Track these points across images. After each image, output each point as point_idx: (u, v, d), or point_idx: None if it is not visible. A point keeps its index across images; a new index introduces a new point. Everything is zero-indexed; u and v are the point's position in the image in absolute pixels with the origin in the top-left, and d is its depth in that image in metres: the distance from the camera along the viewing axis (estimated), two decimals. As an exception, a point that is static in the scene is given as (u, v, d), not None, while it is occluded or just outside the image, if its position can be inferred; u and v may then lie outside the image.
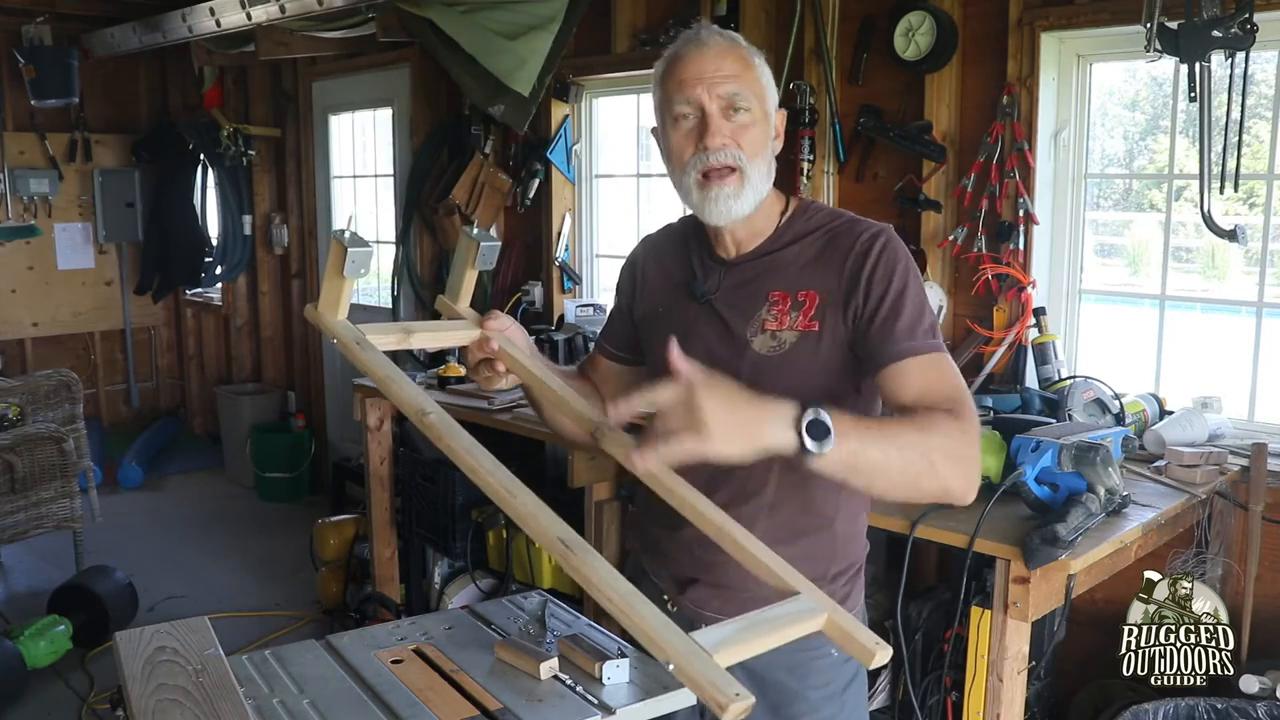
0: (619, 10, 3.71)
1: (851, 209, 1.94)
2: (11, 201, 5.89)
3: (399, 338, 1.30)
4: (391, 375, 1.21)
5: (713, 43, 1.45)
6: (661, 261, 1.66)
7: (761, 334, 1.49)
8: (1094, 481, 2.01)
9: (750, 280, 1.53)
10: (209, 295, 6.50)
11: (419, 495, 3.46)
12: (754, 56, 1.48)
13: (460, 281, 1.39)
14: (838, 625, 0.97)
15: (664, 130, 1.50)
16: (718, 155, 1.43)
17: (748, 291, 1.52)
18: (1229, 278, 3.04)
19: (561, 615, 1.81)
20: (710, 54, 1.44)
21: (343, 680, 1.58)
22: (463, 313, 1.39)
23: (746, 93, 1.45)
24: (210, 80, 5.71)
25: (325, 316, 1.28)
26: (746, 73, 1.46)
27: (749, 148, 1.45)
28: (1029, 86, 2.79)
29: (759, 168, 1.47)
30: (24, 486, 3.99)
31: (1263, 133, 2.68)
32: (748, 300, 1.51)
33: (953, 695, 2.35)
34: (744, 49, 1.48)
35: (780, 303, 1.49)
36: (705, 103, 1.43)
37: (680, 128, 1.46)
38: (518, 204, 4.15)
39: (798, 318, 1.47)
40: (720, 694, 0.81)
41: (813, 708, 1.58)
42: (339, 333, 1.27)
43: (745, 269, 1.54)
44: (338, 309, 1.27)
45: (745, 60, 1.46)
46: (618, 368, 1.72)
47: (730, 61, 1.44)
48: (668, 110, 1.47)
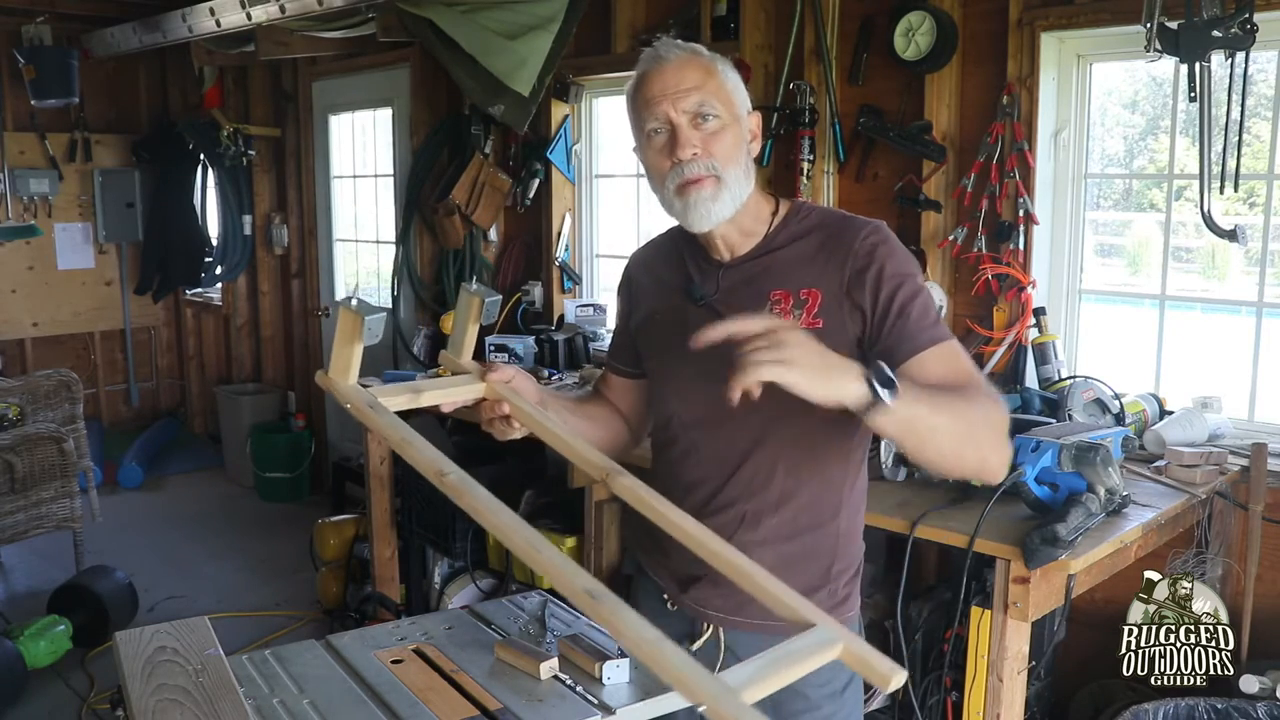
0: (619, 10, 3.71)
1: (851, 209, 1.95)
2: (11, 201, 5.89)
3: (409, 398, 1.34)
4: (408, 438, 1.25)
5: (672, 57, 1.47)
6: (654, 271, 1.68)
7: None
8: (1094, 481, 2.01)
9: (749, 281, 1.53)
10: (209, 295, 6.50)
11: (419, 495, 3.46)
12: (716, 63, 1.50)
13: (463, 337, 1.42)
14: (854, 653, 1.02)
15: (641, 149, 1.53)
16: (691, 167, 1.46)
17: (748, 292, 1.52)
18: (1229, 278, 3.04)
19: (561, 615, 1.81)
20: (670, 69, 1.47)
21: (343, 680, 1.58)
22: (466, 366, 1.42)
23: (711, 99, 1.46)
24: (210, 80, 5.71)
25: (338, 383, 1.32)
26: (709, 81, 1.47)
27: (721, 154, 1.47)
28: (1029, 86, 2.79)
29: (734, 172, 1.48)
30: (24, 486, 3.99)
31: (1263, 133, 2.68)
32: (749, 300, 1.51)
33: (953, 695, 2.35)
34: (704, 58, 1.49)
35: (782, 301, 1.50)
36: (672, 116, 1.46)
37: (654, 144, 1.49)
38: (518, 204, 4.16)
39: (801, 315, 1.48)
40: None
41: (812, 706, 1.58)
42: (352, 398, 1.30)
43: (743, 270, 1.54)
44: (348, 374, 1.31)
45: (707, 68, 1.48)
46: (631, 383, 1.74)
47: (691, 72, 1.46)
48: (640, 129, 1.51)
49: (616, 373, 1.76)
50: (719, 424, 1.53)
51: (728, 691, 0.88)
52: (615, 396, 1.76)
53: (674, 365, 1.59)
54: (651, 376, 1.68)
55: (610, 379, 1.77)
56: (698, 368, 1.54)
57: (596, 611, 0.98)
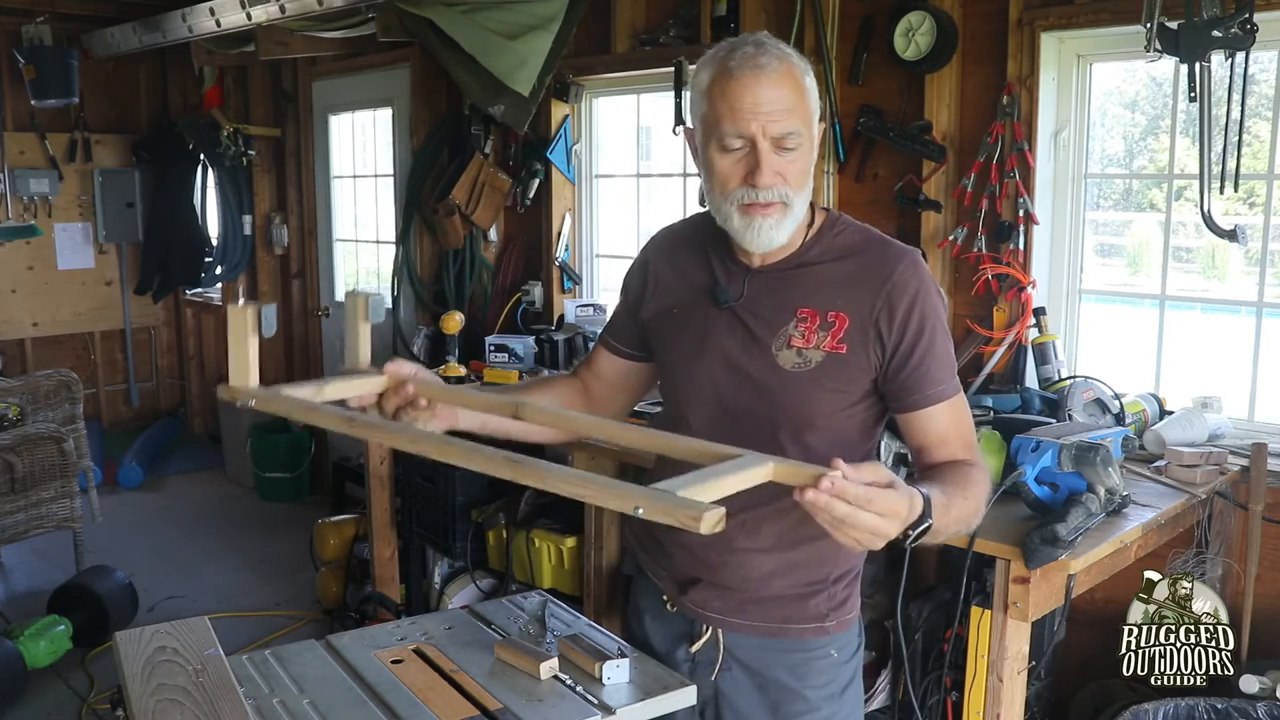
0: (619, 10, 3.71)
1: (851, 209, 1.95)
2: (11, 201, 5.89)
3: (314, 391, 1.32)
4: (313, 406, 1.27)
5: (770, 68, 1.38)
6: (675, 261, 1.63)
7: (788, 349, 1.49)
8: (1094, 481, 2.01)
9: (777, 291, 1.51)
10: (209, 295, 6.50)
11: (419, 495, 3.46)
12: (805, 77, 1.43)
13: (356, 340, 1.41)
14: (785, 468, 1.08)
15: (706, 146, 1.45)
16: (765, 194, 1.40)
17: (775, 303, 1.51)
18: (1229, 278, 3.04)
19: (561, 615, 1.81)
20: (767, 82, 1.37)
21: (343, 680, 1.58)
22: (366, 369, 1.40)
23: (799, 124, 1.40)
24: (210, 80, 5.70)
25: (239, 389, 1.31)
26: (800, 103, 1.41)
27: (795, 180, 1.42)
28: (1029, 86, 2.79)
29: (802, 197, 1.45)
30: (24, 486, 3.99)
31: (1263, 133, 2.68)
32: (774, 312, 1.50)
33: (953, 695, 2.35)
34: (798, 71, 1.41)
35: (809, 320, 1.48)
36: (758, 139, 1.38)
37: (727, 155, 1.41)
38: (518, 204, 4.15)
39: (825, 338, 1.47)
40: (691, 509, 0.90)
41: (812, 707, 1.58)
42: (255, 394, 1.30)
43: (771, 279, 1.52)
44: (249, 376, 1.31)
45: (799, 87, 1.41)
46: (621, 363, 1.71)
47: (786, 91, 1.39)
48: (713, 130, 1.42)
49: (614, 350, 1.71)
50: (728, 429, 1.51)
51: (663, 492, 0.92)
52: (598, 375, 1.73)
53: (689, 366, 1.57)
54: (664, 373, 1.65)
55: (603, 355, 1.73)
56: (712, 372, 1.54)
57: (521, 473, 1.00)
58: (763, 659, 1.59)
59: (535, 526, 3.17)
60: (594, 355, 1.75)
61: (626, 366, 1.71)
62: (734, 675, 1.60)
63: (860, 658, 1.66)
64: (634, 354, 1.70)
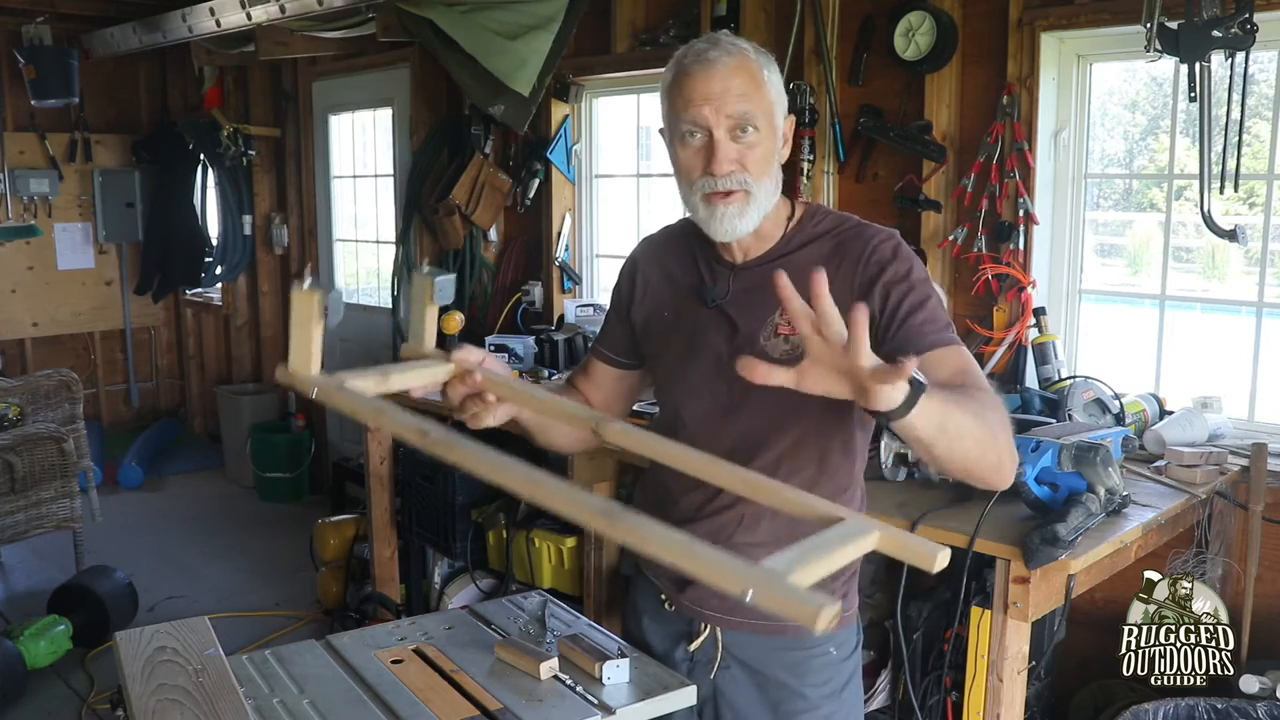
0: (619, 10, 3.71)
1: (851, 209, 1.94)
2: (11, 201, 5.89)
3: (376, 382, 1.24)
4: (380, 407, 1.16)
5: (721, 61, 1.41)
6: (663, 265, 1.65)
7: (775, 338, 1.49)
8: (1094, 481, 2.01)
9: (761, 285, 1.51)
10: (209, 295, 6.50)
11: (419, 495, 3.46)
12: (764, 69, 1.45)
13: (423, 324, 1.33)
14: (892, 539, 1.00)
15: (671, 143, 1.48)
16: (724, 181, 1.43)
17: (759, 296, 1.51)
18: (1229, 278, 3.04)
19: (561, 615, 1.81)
20: (719, 73, 1.41)
21: (343, 680, 1.58)
22: (430, 354, 1.33)
23: (755, 111, 1.42)
24: (210, 80, 5.71)
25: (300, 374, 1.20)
26: (756, 91, 1.43)
27: (755, 168, 1.44)
28: (1029, 86, 2.79)
29: (765, 186, 1.46)
30: (24, 486, 3.99)
31: (1263, 133, 2.68)
32: (759, 305, 1.51)
33: (953, 695, 2.35)
34: (754, 62, 1.44)
35: None
36: (712, 126, 1.41)
37: (687, 146, 1.45)
38: (518, 204, 4.16)
39: None
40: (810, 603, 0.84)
41: (812, 705, 1.58)
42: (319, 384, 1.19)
43: (755, 273, 1.53)
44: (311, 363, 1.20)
45: (755, 77, 1.43)
46: (615, 372, 1.71)
47: (740, 80, 1.41)
48: (675, 125, 1.46)
49: (604, 360, 1.71)
50: (723, 426, 1.52)
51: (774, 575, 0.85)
52: (591, 385, 1.72)
53: (681, 366, 1.58)
54: (657, 375, 1.66)
55: (595, 366, 1.73)
56: (704, 371, 1.54)
57: (615, 530, 0.93)
58: (761, 657, 1.59)
59: (535, 526, 3.17)
60: (588, 365, 1.75)
61: (620, 374, 1.71)
62: (733, 674, 1.60)
63: (859, 655, 1.66)
64: (627, 363, 1.70)
